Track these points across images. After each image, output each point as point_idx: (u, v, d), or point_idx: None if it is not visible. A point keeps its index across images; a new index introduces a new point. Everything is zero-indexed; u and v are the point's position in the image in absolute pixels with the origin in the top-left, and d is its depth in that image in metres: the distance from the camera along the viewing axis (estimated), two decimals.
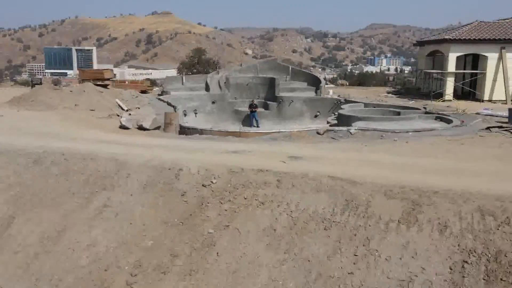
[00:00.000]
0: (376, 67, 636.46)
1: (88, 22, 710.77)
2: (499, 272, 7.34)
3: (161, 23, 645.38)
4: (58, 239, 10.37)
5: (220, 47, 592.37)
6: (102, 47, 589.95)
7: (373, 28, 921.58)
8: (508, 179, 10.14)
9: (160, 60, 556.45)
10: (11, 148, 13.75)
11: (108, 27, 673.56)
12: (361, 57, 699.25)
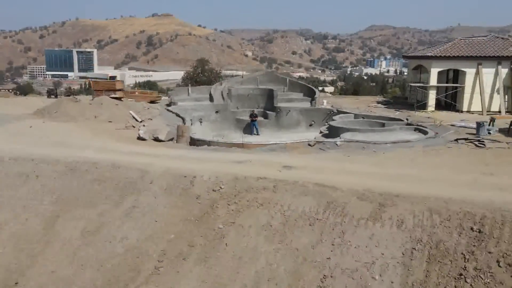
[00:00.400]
0: (375, 69, 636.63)
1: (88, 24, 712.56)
2: (438, 256, 9.75)
3: (162, 25, 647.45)
4: (96, 233, 12.80)
5: (220, 49, 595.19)
6: (102, 49, 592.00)
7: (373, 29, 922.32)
8: (455, 186, 12.54)
9: (161, 62, 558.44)
10: (48, 158, 16.19)
11: (108, 29, 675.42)
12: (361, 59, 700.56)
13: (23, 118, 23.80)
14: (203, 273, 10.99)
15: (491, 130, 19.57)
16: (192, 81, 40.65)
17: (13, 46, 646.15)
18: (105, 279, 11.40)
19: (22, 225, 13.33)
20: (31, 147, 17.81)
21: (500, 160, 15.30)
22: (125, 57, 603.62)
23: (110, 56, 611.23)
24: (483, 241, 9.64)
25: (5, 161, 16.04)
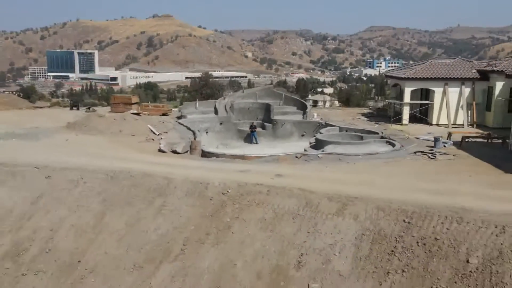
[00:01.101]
0: (375, 69, 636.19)
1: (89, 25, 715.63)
2: (379, 239, 14.05)
3: (162, 25, 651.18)
4: (136, 225, 17.12)
5: (220, 50, 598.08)
6: (103, 49, 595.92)
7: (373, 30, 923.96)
8: (401, 190, 16.84)
9: (161, 63, 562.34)
10: (90, 167, 20.52)
11: (109, 30, 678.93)
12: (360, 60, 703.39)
13: (58, 132, 28.20)
14: (216, 253, 15.34)
15: (447, 144, 23.93)
16: (198, 93, 45.07)
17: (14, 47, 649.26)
18: (145, 258, 15.76)
19: (78, 219, 17.71)
20: (73, 158, 22.20)
21: (443, 169, 19.69)
22: (126, 58, 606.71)
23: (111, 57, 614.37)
24: (410, 229, 14.02)
25: (57, 170, 20.43)
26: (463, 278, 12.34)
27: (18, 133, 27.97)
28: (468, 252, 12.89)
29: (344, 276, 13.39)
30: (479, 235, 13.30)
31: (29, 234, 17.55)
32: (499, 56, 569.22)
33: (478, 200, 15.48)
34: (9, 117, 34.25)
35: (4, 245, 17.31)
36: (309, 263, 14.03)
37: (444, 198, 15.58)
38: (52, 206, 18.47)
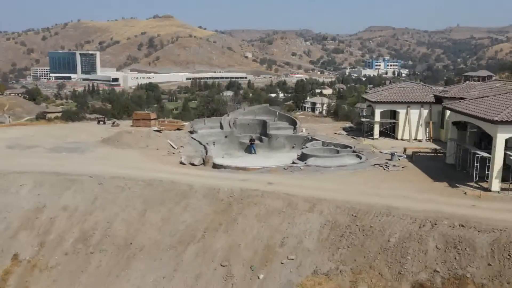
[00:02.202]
0: (374, 70, 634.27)
1: (90, 26, 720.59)
2: (335, 227, 21.10)
3: (162, 26, 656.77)
4: (169, 219, 24.15)
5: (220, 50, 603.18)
6: (104, 50, 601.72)
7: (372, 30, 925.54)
8: (356, 194, 23.87)
9: (162, 63, 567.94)
10: (130, 176, 27.58)
11: (110, 30, 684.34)
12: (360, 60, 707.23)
13: (96, 146, 35.34)
14: (226, 237, 22.41)
15: (401, 157, 31.01)
16: (205, 108, 52.22)
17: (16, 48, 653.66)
18: (177, 241, 22.83)
19: (127, 214, 24.80)
20: (116, 169, 29.31)
21: (390, 178, 26.81)
22: (127, 59, 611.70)
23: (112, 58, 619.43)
24: (355, 220, 21.12)
25: (106, 178, 27.55)
26: (384, 251, 19.45)
27: (65, 147, 35.08)
28: (390, 234, 20.01)
29: (311, 251, 20.49)
30: (398, 224, 20.43)
31: (92, 225, 24.65)
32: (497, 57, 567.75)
33: (406, 201, 22.59)
34: (49, 131, 41.41)
35: (75, 232, 24.41)
36: (289, 243, 21.13)
37: (382, 200, 22.70)
38: (106, 205, 25.58)
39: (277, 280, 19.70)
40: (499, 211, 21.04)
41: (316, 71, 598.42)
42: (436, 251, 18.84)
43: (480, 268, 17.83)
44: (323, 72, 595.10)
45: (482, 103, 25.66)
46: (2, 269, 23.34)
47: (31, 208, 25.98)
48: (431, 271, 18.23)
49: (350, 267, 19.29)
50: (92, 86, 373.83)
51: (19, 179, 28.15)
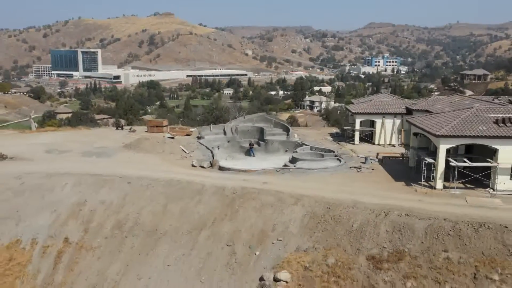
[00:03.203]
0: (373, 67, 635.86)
1: (91, 23, 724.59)
2: (313, 216, 27.77)
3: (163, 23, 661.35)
4: (186, 210, 30.80)
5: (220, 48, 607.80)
6: (105, 47, 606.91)
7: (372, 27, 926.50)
8: (330, 191, 30.48)
9: (163, 61, 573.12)
10: (153, 177, 34.27)
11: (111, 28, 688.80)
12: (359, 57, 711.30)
13: (120, 151, 42.06)
14: (230, 225, 29.16)
15: (374, 161, 37.70)
16: (210, 115, 58.97)
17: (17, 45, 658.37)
18: (192, 227, 29.56)
19: (152, 207, 31.56)
20: (139, 171, 36.02)
21: (361, 179, 33.52)
22: (128, 56, 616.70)
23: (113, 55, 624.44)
24: (329, 211, 27.85)
25: (133, 178, 34.29)
26: (348, 233, 26.18)
27: (94, 152, 41.80)
28: (353, 221, 26.75)
29: (294, 234, 27.21)
30: (360, 214, 27.16)
31: (124, 215, 31.38)
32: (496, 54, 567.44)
33: (369, 197, 29.29)
34: (77, 138, 48.10)
35: (111, 221, 31.13)
36: (278, 228, 27.88)
37: (351, 196, 29.40)
38: (135, 200, 32.31)
39: (269, 256, 26.45)
40: (437, 204, 27.80)
41: (316, 69, 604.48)
42: (385, 233, 25.59)
43: (416, 245, 24.58)
44: (322, 70, 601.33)
45: (432, 119, 32.34)
46: (57, 249, 30.09)
47: (75, 202, 32.72)
48: (381, 247, 24.98)
49: (323, 245, 26.05)
50: (94, 84, 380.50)
51: (62, 179, 34.89)
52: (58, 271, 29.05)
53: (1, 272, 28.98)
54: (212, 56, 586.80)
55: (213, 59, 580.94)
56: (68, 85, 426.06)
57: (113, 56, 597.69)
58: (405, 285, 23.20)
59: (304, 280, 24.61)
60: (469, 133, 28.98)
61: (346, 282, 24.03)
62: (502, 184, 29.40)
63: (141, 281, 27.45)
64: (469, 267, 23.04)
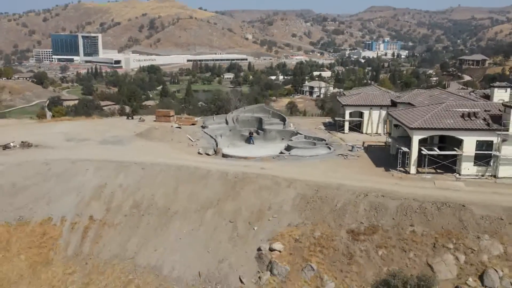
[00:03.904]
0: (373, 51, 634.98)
1: (91, 7, 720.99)
2: (303, 197, 32.56)
3: (163, 7, 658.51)
4: (194, 193, 35.49)
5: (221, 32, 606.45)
6: (105, 32, 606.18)
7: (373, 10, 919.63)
8: (319, 175, 35.22)
9: (163, 45, 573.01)
10: (165, 163, 38.99)
11: (110, 12, 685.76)
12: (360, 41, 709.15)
13: (133, 139, 46.73)
14: (233, 204, 33.97)
15: (360, 148, 42.34)
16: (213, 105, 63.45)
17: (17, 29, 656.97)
18: (200, 207, 34.42)
19: (165, 189, 36.36)
20: (152, 157, 40.75)
21: (346, 165, 38.23)
22: (128, 40, 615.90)
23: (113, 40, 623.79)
24: (317, 193, 32.62)
25: (147, 164, 39.05)
26: (332, 212, 31.00)
27: (110, 140, 46.47)
28: (337, 201, 31.56)
29: (287, 212, 32.06)
30: (343, 195, 31.96)
31: (140, 197, 36.21)
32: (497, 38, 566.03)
33: (352, 181, 34.04)
34: (93, 127, 52.70)
35: (129, 202, 35.96)
36: (273, 207, 32.71)
37: (336, 180, 34.14)
38: (149, 183, 37.09)
39: (265, 230, 31.32)
40: (409, 187, 32.58)
41: (316, 53, 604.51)
42: (363, 211, 30.42)
43: (388, 220, 29.43)
44: (323, 54, 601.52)
45: (409, 112, 36.91)
46: (83, 225, 34.99)
47: (96, 186, 37.52)
48: (359, 223, 29.84)
49: (311, 221, 30.91)
50: (95, 68, 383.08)
51: (84, 165, 39.64)
52: (85, 244, 33.98)
53: (37, 244, 33.96)
54: (212, 41, 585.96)
55: (213, 43, 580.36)
56: (69, 69, 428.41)
57: (113, 40, 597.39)
58: (377, 253, 28.13)
59: (294, 249, 29.54)
60: (438, 126, 33.58)
61: (329, 251, 28.96)
62: (467, 170, 34.12)
63: (157, 252, 32.40)
64: (430, 238, 27.93)
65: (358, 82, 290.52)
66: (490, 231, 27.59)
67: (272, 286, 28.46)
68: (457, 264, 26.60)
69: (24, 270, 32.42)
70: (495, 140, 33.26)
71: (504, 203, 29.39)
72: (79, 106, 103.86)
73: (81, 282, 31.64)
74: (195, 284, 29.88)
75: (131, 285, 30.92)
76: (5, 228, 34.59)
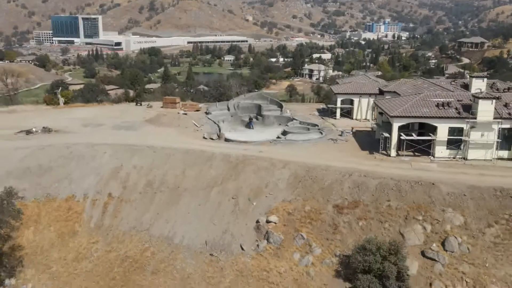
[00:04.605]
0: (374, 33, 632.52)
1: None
2: (296, 176, 37.28)
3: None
4: (200, 173, 40.26)
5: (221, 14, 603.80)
6: (105, 13, 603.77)
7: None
8: (310, 157, 39.77)
9: (163, 27, 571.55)
10: (173, 147, 43.64)
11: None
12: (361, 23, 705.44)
13: (143, 125, 51.37)
14: (234, 183, 38.78)
15: (349, 133, 46.95)
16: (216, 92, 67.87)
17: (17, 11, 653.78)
18: (206, 185, 39.24)
19: (173, 171, 41.14)
20: (162, 141, 45.42)
21: (335, 148, 42.94)
22: (128, 22, 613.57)
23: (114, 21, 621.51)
24: (308, 173, 37.43)
25: (158, 148, 43.78)
26: (321, 189, 35.82)
27: (122, 125, 51.06)
28: (325, 180, 36.36)
29: (282, 189, 36.90)
30: (331, 175, 36.75)
31: (153, 177, 41.00)
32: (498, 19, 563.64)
33: (339, 162, 38.78)
34: (105, 113, 57.24)
35: (143, 181, 40.77)
36: (270, 185, 37.54)
37: (325, 161, 38.86)
38: (160, 165, 41.86)
39: (263, 205, 36.20)
40: (389, 168, 37.32)
41: (317, 35, 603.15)
42: (348, 189, 35.24)
43: (368, 197, 34.26)
44: (323, 36, 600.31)
45: (391, 101, 41.40)
46: (103, 202, 39.87)
47: (114, 167, 42.27)
48: (343, 198, 34.68)
49: (302, 197, 35.76)
50: (96, 50, 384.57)
51: (101, 148, 44.31)
52: (105, 217, 38.92)
53: (64, 218, 38.94)
54: (213, 22, 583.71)
55: (214, 25, 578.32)
56: (69, 51, 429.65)
57: (113, 22, 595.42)
58: (358, 224, 33.07)
59: (287, 221, 34.49)
60: (415, 114, 38.13)
61: (317, 222, 33.90)
62: (440, 153, 38.81)
63: (169, 224, 37.37)
64: (403, 211, 32.82)
65: (357, 65, 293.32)
66: (454, 205, 32.44)
67: (268, 253, 33.49)
68: (424, 232, 31.54)
69: (54, 240, 37.46)
70: (465, 126, 37.84)
71: (468, 182, 34.18)
72: (85, 90, 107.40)
73: (103, 250, 36.69)
74: (202, 251, 34.89)
75: (147, 252, 35.97)
76: (35, 204, 39.45)
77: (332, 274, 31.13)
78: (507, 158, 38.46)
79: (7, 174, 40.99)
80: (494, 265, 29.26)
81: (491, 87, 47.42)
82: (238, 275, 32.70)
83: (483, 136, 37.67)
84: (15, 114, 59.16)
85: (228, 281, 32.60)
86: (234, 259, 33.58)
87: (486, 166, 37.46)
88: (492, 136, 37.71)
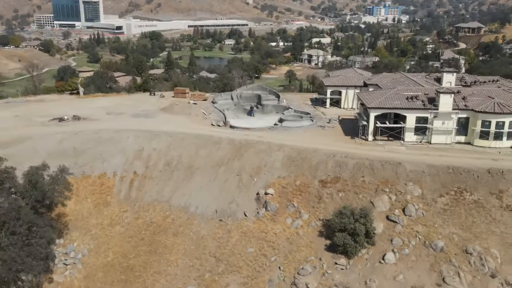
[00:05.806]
0: (374, 17, 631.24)
1: None
2: (289, 158, 45.38)
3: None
4: (209, 154, 48.13)
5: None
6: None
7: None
8: (301, 141, 47.72)
9: (163, 10, 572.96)
10: (185, 132, 51.68)
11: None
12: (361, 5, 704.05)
13: (159, 113, 59.39)
14: (238, 163, 46.86)
15: (336, 121, 54.90)
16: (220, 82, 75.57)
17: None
18: (214, 164, 47.37)
19: (187, 152, 49.17)
20: (176, 128, 53.46)
21: (322, 134, 51.00)
22: (129, 5, 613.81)
23: (114, 4, 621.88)
24: (299, 155, 45.54)
25: (174, 133, 51.85)
26: (310, 168, 44.03)
27: (141, 114, 58.99)
28: (313, 160, 44.52)
29: (277, 168, 45.03)
30: (318, 156, 44.86)
31: (170, 158, 49.10)
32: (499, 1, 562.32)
33: (325, 146, 46.81)
34: (124, 102, 65.08)
35: (162, 161, 48.86)
36: (268, 165, 45.66)
37: (314, 145, 46.98)
38: (176, 147, 49.92)
39: (262, 180, 44.39)
40: (365, 150, 45.39)
41: (317, 18, 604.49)
42: (331, 167, 43.38)
43: (347, 173, 42.43)
44: (323, 19, 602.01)
45: (370, 94, 49.21)
46: (130, 178, 48.06)
47: (137, 149, 50.34)
48: (327, 175, 42.87)
49: (294, 174, 43.93)
50: (97, 34, 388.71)
51: (125, 134, 52.33)
52: (132, 191, 47.16)
53: (98, 191, 47.22)
54: (213, 5, 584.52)
55: (214, 8, 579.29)
56: (71, 35, 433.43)
57: (114, 5, 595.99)
58: (338, 195, 41.32)
59: (282, 193, 42.75)
60: (388, 105, 46.04)
61: (306, 194, 42.17)
62: (409, 138, 46.84)
63: (185, 196, 45.65)
64: (374, 185, 41.02)
65: (355, 50, 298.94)
66: (414, 180, 40.63)
67: (266, 218, 41.85)
68: (390, 201, 39.82)
69: (91, 209, 45.81)
70: (429, 116, 45.79)
71: (428, 161, 42.30)
72: (95, 78, 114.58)
73: (132, 217, 45.07)
74: (213, 218, 43.24)
75: (168, 218, 44.36)
76: (73, 180, 47.42)
77: (316, 234, 39.50)
78: (463, 142, 46.51)
79: (48, 155, 49.03)
80: (441, 225, 37.61)
81: (460, 80, 55.28)
82: (242, 236, 41.08)
83: (444, 124, 45.62)
84: (43, 103, 67.04)
85: (234, 240, 40.99)
86: (239, 223, 41.92)
87: (446, 148, 45.56)
88: (451, 124, 45.68)
